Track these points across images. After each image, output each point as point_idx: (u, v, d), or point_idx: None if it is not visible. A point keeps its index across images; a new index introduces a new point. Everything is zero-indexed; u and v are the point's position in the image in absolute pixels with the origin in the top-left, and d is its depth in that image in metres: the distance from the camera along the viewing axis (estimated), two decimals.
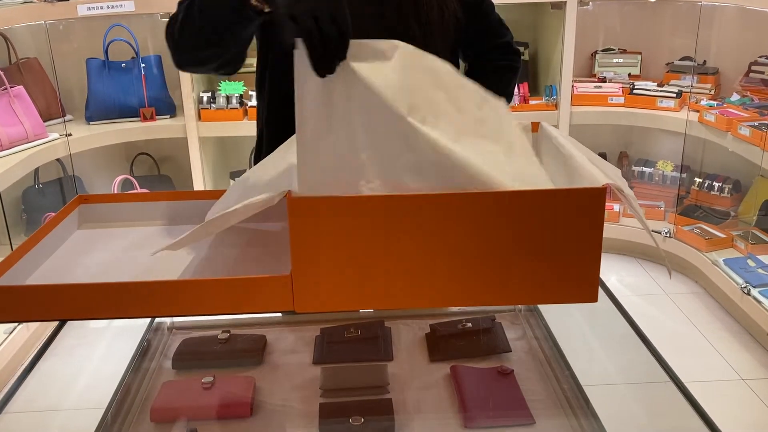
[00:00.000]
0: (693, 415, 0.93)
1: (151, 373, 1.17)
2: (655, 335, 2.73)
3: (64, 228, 1.16)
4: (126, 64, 2.97)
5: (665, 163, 3.22)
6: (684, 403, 0.95)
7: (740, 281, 2.53)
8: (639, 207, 0.93)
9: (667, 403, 1.00)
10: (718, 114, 2.79)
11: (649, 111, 3.04)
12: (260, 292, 0.88)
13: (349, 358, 1.17)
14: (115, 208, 1.21)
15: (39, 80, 2.90)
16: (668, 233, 2.99)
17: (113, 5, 2.83)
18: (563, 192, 0.88)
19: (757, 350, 2.47)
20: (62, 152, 2.79)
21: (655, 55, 3.30)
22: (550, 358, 1.18)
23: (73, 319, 0.94)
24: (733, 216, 2.98)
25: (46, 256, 1.09)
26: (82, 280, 0.99)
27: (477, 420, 1.02)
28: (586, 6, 3.05)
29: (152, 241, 1.14)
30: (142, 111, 2.97)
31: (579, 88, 3.13)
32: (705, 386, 2.26)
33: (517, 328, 1.27)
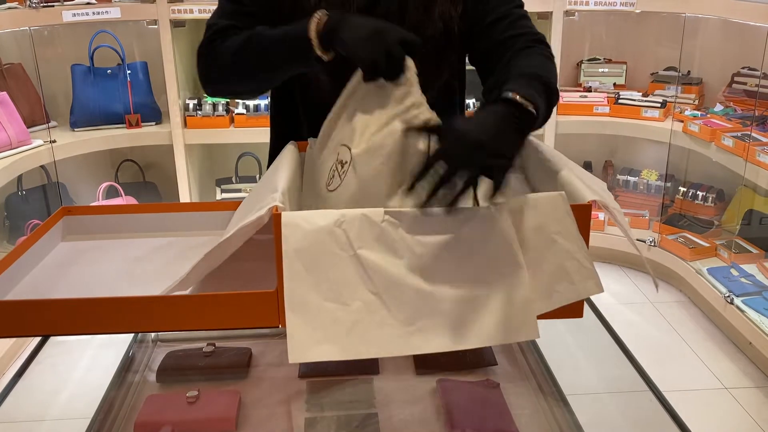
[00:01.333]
0: (671, 423, 0.94)
1: (135, 386, 1.16)
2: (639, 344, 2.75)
3: (47, 240, 1.15)
4: (111, 71, 2.95)
5: (650, 173, 3.24)
6: (662, 413, 0.97)
7: (723, 290, 2.55)
8: (625, 220, 0.93)
9: (647, 413, 1.01)
10: (702, 124, 2.82)
11: (634, 121, 3.07)
12: (245, 308, 0.88)
13: (336, 372, 1.16)
14: (100, 220, 1.20)
15: (23, 86, 2.87)
16: (653, 242, 3.01)
17: (99, 11, 2.81)
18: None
19: (740, 359, 2.49)
20: (46, 159, 2.76)
21: (640, 65, 3.33)
22: (536, 371, 1.18)
23: (56, 334, 0.93)
24: (717, 225, 3.01)
25: (29, 269, 1.08)
26: (66, 295, 0.98)
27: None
28: (572, 16, 3.07)
29: (136, 254, 1.14)
30: (127, 118, 2.95)
31: (565, 98, 3.15)
32: (689, 395, 2.28)
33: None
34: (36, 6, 2.69)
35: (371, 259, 0.83)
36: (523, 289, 0.84)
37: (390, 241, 0.83)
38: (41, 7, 2.71)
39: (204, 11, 2.82)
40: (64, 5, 2.77)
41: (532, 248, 0.86)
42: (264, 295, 0.86)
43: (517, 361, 1.21)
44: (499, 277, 0.84)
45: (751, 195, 2.84)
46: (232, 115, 3.00)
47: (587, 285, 0.86)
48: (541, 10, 2.96)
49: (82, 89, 2.92)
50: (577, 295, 0.86)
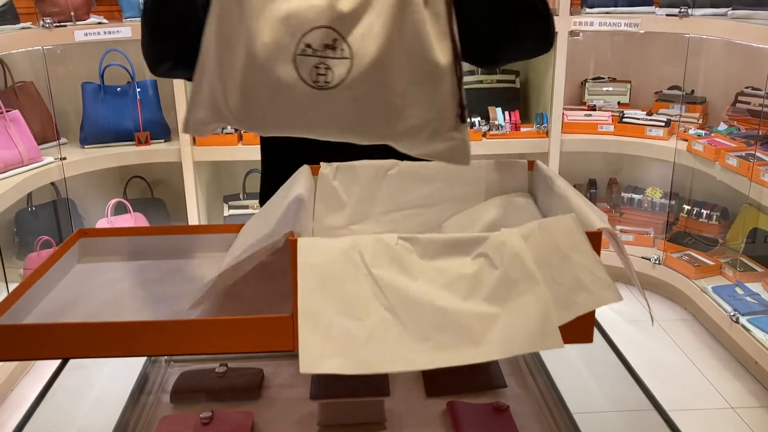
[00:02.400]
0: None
1: (150, 407, 1.17)
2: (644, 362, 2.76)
3: (64, 262, 1.17)
4: (121, 89, 2.99)
5: (654, 190, 3.26)
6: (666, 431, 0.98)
7: (729, 309, 2.56)
8: (628, 255, 0.95)
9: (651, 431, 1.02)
10: (706, 143, 2.84)
11: (639, 139, 3.09)
12: (261, 332, 0.89)
13: (346, 393, 1.18)
14: (116, 242, 1.22)
15: (35, 104, 2.91)
16: (657, 260, 3.03)
17: (110, 31, 2.85)
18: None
19: (746, 378, 2.49)
20: (56, 176, 2.80)
21: (644, 84, 3.36)
22: (545, 394, 1.20)
23: (73, 357, 0.95)
24: (721, 243, 3.02)
25: (47, 291, 1.10)
26: (83, 317, 1.00)
27: None
28: (577, 36, 3.11)
29: (152, 275, 1.15)
30: (137, 135, 2.98)
31: (569, 116, 3.18)
32: (695, 414, 2.29)
33: (513, 362, 1.28)
34: (49, 26, 2.74)
35: (385, 277, 0.84)
36: (542, 301, 0.85)
37: (404, 262, 0.85)
38: (54, 27, 2.75)
39: None
40: (76, 25, 2.82)
41: (546, 265, 0.87)
42: (279, 320, 0.88)
43: (526, 383, 1.23)
44: (516, 294, 0.85)
45: (756, 213, 2.85)
46: (240, 133, 3.03)
47: (605, 294, 0.87)
48: None
49: (92, 107, 2.95)
50: (596, 303, 0.86)
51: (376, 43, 0.80)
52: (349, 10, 0.79)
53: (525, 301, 0.83)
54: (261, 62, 0.80)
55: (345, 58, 0.80)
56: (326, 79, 0.80)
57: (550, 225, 0.89)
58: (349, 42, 0.80)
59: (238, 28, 0.81)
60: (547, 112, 3.12)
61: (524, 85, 3.36)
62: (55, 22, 2.77)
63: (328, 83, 0.80)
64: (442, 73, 0.83)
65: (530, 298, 0.84)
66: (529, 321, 0.83)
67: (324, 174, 1.15)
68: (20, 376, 2.49)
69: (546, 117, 3.11)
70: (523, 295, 0.84)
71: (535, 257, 0.86)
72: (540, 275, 0.85)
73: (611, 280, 0.88)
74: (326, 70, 0.80)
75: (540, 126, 3.11)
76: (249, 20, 0.80)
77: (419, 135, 0.87)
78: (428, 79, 0.84)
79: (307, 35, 0.79)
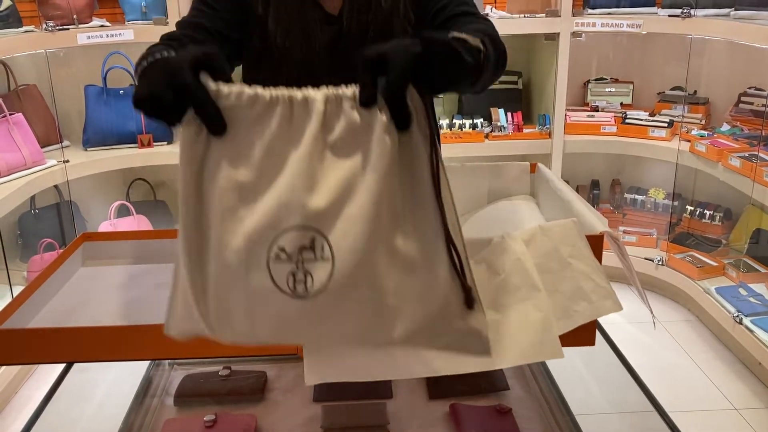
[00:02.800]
0: None
1: (153, 410, 1.18)
2: (648, 364, 2.75)
3: (68, 266, 1.18)
4: (124, 91, 2.99)
5: (657, 191, 3.26)
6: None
7: (732, 310, 2.56)
8: (629, 259, 0.95)
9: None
10: (709, 144, 2.83)
11: (641, 140, 3.09)
12: None
13: (349, 396, 1.18)
14: (119, 246, 1.23)
15: (38, 107, 2.92)
16: (660, 261, 3.02)
17: (113, 34, 2.86)
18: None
19: (750, 380, 2.49)
20: (60, 178, 2.80)
21: (646, 84, 3.36)
22: (547, 396, 1.20)
23: (78, 361, 0.95)
24: (725, 244, 3.02)
25: (52, 295, 1.10)
26: (87, 321, 1.01)
27: None
28: (579, 38, 3.11)
29: (155, 279, 1.16)
30: (139, 138, 2.99)
31: (572, 117, 3.18)
32: (698, 416, 2.28)
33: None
34: (52, 29, 2.75)
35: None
36: (543, 310, 0.85)
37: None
38: (57, 30, 2.76)
39: None
40: (79, 28, 2.82)
41: (547, 272, 0.87)
42: None
43: (528, 385, 1.23)
44: (517, 301, 0.85)
45: (759, 214, 2.85)
46: None
47: (605, 304, 0.87)
48: (548, 32, 3.00)
49: (95, 109, 2.96)
50: (596, 313, 0.87)
51: (360, 237, 0.69)
52: (326, 204, 0.69)
53: (525, 309, 0.83)
54: (232, 270, 0.71)
55: (325, 260, 0.69)
56: (305, 287, 0.69)
57: (551, 230, 0.89)
58: (329, 240, 0.69)
59: (208, 232, 0.73)
60: (549, 113, 3.12)
61: (527, 86, 3.36)
62: (57, 25, 2.77)
63: (307, 291, 0.69)
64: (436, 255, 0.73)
65: (531, 306, 0.84)
66: (531, 331, 0.83)
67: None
68: (24, 379, 2.49)
69: (548, 118, 3.11)
70: (523, 303, 0.84)
71: (536, 263, 0.86)
72: (541, 282, 0.85)
73: (611, 289, 0.88)
74: (305, 276, 0.69)
75: (542, 127, 3.11)
76: (215, 224, 0.72)
77: (422, 335, 0.76)
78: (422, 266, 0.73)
79: (279, 237, 0.69)
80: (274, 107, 0.70)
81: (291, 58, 1.17)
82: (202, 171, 0.73)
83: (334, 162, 0.70)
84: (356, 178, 0.70)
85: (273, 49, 1.17)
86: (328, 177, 0.70)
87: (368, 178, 0.69)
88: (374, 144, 0.69)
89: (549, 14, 2.96)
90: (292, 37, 1.16)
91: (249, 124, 0.71)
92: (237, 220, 0.71)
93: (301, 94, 0.71)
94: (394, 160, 0.70)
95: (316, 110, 0.70)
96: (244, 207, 0.71)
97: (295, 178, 0.69)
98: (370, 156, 0.69)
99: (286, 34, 1.15)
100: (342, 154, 0.71)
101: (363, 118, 0.70)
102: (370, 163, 0.69)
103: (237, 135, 0.71)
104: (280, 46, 1.16)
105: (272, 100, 0.70)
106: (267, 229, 0.69)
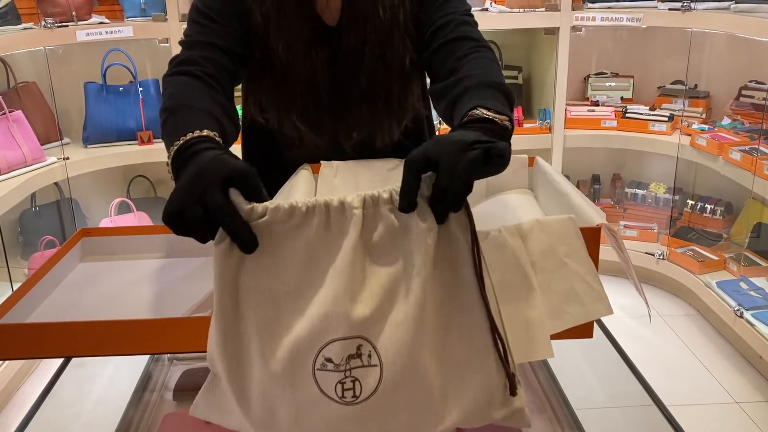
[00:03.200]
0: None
1: (153, 405, 1.18)
2: (649, 358, 2.75)
3: (67, 261, 1.17)
4: (124, 88, 2.99)
5: (658, 186, 3.25)
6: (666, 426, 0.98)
7: (733, 304, 2.55)
8: (627, 252, 0.95)
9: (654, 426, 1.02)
10: (710, 138, 2.83)
11: (642, 134, 3.09)
12: None
13: None
14: (118, 241, 1.23)
15: (37, 104, 2.92)
16: (661, 255, 3.02)
17: (112, 30, 2.86)
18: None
19: (751, 373, 2.49)
20: (60, 176, 2.80)
21: (647, 78, 3.35)
22: (547, 390, 1.20)
23: (77, 356, 0.95)
24: (726, 238, 3.01)
25: (50, 291, 1.10)
26: (86, 316, 1.01)
27: None
28: (579, 32, 3.10)
29: (155, 274, 1.16)
30: (139, 134, 2.99)
31: (572, 112, 3.17)
32: (699, 409, 2.28)
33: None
34: (51, 26, 2.74)
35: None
36: (536, 310, 0.85)
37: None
38: (56, 27, 2.76)
39: None
40: (78, 25, 2.82)
41: (542, 270, 0.87)
42: None
43: (528, 379, 1.23)
44: (511, 299, 0.85)
45: (760, 208, 2.84)
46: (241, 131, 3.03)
47: (597, 307, 0.88)
48: (548, 26, 2.99)
49: (94, 106, 2.96)
50: (587, 317, 0.87)
51: (407, 341, 0.68)
52: (371, 311, 0.68)
53: (519, 308, 0.84)
54: (277, 379, 0.70)
55: (373, 366, 0.69)
56: (354, 393, 0.69)
57: (549, 226, 0.89)
58: (376, 347, 0.68)
59: (248, 339, 0.72)
60: (549, 107, 3.11)
61: (527, 80, 3.36)
62: (56, 22, 2.77)
63: (356, 397, 0.69)
64: (483, 350, 0.72)
65: (525, 304, 0.84)
66: (524, 330, 0.83)
67: (324, 173, 1.15)
68: (26, 375, 2.50)
69: (549, 113, 3.11)
70: (518, 301, 0.84)
71: (532, 261, 0.86)
72: (536, 281, 0.85)
73: (604, 293, 0.89)
74: (353, 383, 0.69)
75: (543, 122, 3.11)
76: (255, 332, 0.71)
77: (467, 423, 0.75)
78: (469, 361, 0.73)
79: (325, 348, 0.68)
80: (311, 217, 0.69)
81: (293, 71, 1.16)
82: (237, 281, 0.72)
83: (376, 268, 0.70)
84: (399, 282, 0.70)
85: (275, 62, 1.15)
86: (371, 283, 0.69)
87: (411, 282, 0.69)
88: (414, 246, 0.69)
89: (549, 8, 2.96)
90: (294, 51, 1.14)
91: (286, 235, 0.70)
92: (279, 331, 0.70)
93: (337, 200, 0.70)
94: (436, 259, 0.70)
95: (353, 216, 0.69)
96: (286, 318, 0.70)
97: (337, 288, 0.68)
98: (412, 259, 0.69)
99: (288, 48, 1.14)
100: (383, 260, 0.70)
101: (401, 220, 0.69)
102: (412, 265, 0.69)
103: (274, 247, 0.70)
104: (282, 60, 1.14)
105: (309, 210, 0.69)
106: (311, 341, 0.69)
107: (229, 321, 0.72)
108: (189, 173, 0.73)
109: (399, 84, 1.18)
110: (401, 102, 1.19)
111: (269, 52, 1.15)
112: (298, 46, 1.14)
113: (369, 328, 0.68)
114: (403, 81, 1.18)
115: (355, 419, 0.70)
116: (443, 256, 0.72)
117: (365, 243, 0.70)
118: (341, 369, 0.68)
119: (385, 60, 1.15)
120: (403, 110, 1.20)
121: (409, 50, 1.16)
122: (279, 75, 1.17)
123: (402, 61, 1.16)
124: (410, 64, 1.16)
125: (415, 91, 1.22)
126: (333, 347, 0.68)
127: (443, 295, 0.72)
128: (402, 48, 1.15)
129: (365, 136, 1.21)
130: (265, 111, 1.22)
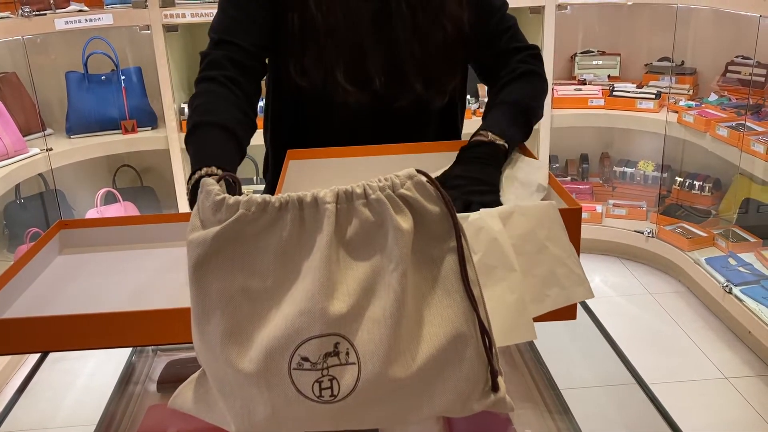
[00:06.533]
0: (655, 414, 0.95)
1: (137, 397, 1.17)
2: (638, 335, 2.77)
3: (45, 254, 1.16)
4: (106, 77, 2.95)
5: (646, 163, 3.25)
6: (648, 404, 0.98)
7: (722, 280, 2.56)
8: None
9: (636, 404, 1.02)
10: (697, 115, 2.82)
11: (629, 112, 3.08)
12: None
13: None
14: (97, 233, 1.21)
15: (17, 95, 2.88)
16: (650, 233, 3.02)
17: (91, 18, 2.81)
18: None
19: (740, 348, 2.50)
20: (43, 167, 2.77)
21: (633, 56, 3.33)
22: (533, 371, 1.19)
23: (56, 350, 0.94)
24: (714, 214, 3.02)
25: (27, 284, 1.08)
26: (65, 309, 0.99)
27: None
28: (564, 10, 3.07)
29: (135, 265, 1.14)
30: (123, 123, 2.96)
31: (559, 91, 3.16)
32: (689, 385, 2.30)
33: None
34: (28, 15, 2.70)
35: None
36: (518, 292, 0.85)
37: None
38: (33, 15, 2.71)
39: (196, 15, 2.82)
40: (56, 13, 2.78)
41: (523, 253, 0.87)
42: None
43: (514, 360, 1.22)
44: (492, 282, 0.85)
45: (748, 183, 2.84)
46: None
47: (577, 290, 0.87)
48: (533, 5, 2.96)
49: (77, 96, 2.92)
50: (568, 300, 0.87)
51: (385, 337, 0.67)
52: (348, 308, 0.67)
53: (501, 291, 0.83)
54: (252, 379, 0.69)
55: (351, 364, 0.67)
56: (332, 393, 0.68)
57: (529, 211, 0.88)
58: (354, 344, 0.67)
59: (222, 340, 0.70)
60: None
61: None
62: (34, 10, 2.72)
63: (334, 396, 0.68)
64: (466, 341, 0.71)
65: (506, 287, 0.83)
66: (506, 313, 0.82)
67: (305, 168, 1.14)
68: (12, 372, 2.48)
69: None
70: (499, 284, 0.83)
71: (512, 244, 0.86)
72: (517, 263, 0.85)
73: (585, 276, 0.88)
74: (330, 382, 0.67)
75: None
76: (229, 332, 0.69)
77: (450, 412, 0.74)
78: (451, 353, 0.71)
79: (301, 347, 0.67)
80: (285, 212, 0.68)
81: (336, 36, 1.16)
82: (209, 275, 0.70)
83: (352, 263, 0.68)
84: (376, 278, 0.68)
85: (317, 29, 1.16)
86: (348, 279, 0.68)
87: (389, 277, 0.67)
88: (391, 240, 0.67)
89: None
90: (336, 14, 1.15)
91: (260, 230, 0.68)
92: (252, 329, 0.69)
93: (310, 195, 0.68)
94: (415, 253, 0.69)
95: (326, 211, 0.67)
96: (259, 315, 0.69)
97: (312, 284, 0.66)
98: (389, 253, 0.68)
99: (329, 11, 1.15)
100: (359, 255, 0.68)
101: (376, 215, 0.68)
102: (390, 260, 0.67)
103: (248, 242, 0.69)
104: (323, 26, 1.15)
105: (282, 205, 0.68)
106: (287, 340, 0.67)
107: (203, 316, 0.71)
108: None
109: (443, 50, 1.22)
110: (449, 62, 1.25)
111: (308, 21, 1.16)
112: (337, 8, 1.16)
113: (346, 326, 0.67)
114: (450, 49, 1.23)
115: (334, 415, 0.69)
116: (423, 249, 0.70)
117: (340, 238, 0.68)
118: (318, 368, 0.67)
119: (439, 19, 1.20)
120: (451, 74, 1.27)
121: (464, 21, 1.22)
122: (321, 43, 1.17)
123: (456, 25, 1.21)
124: (462, 30, 1.22)
125: (461, 59, 1.27)
126: (309, 345, 0.66)
127: (424, 288, 0.71)
128: (457, 11, 1.21)
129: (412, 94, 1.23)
130: (307, 73, 1.21)
